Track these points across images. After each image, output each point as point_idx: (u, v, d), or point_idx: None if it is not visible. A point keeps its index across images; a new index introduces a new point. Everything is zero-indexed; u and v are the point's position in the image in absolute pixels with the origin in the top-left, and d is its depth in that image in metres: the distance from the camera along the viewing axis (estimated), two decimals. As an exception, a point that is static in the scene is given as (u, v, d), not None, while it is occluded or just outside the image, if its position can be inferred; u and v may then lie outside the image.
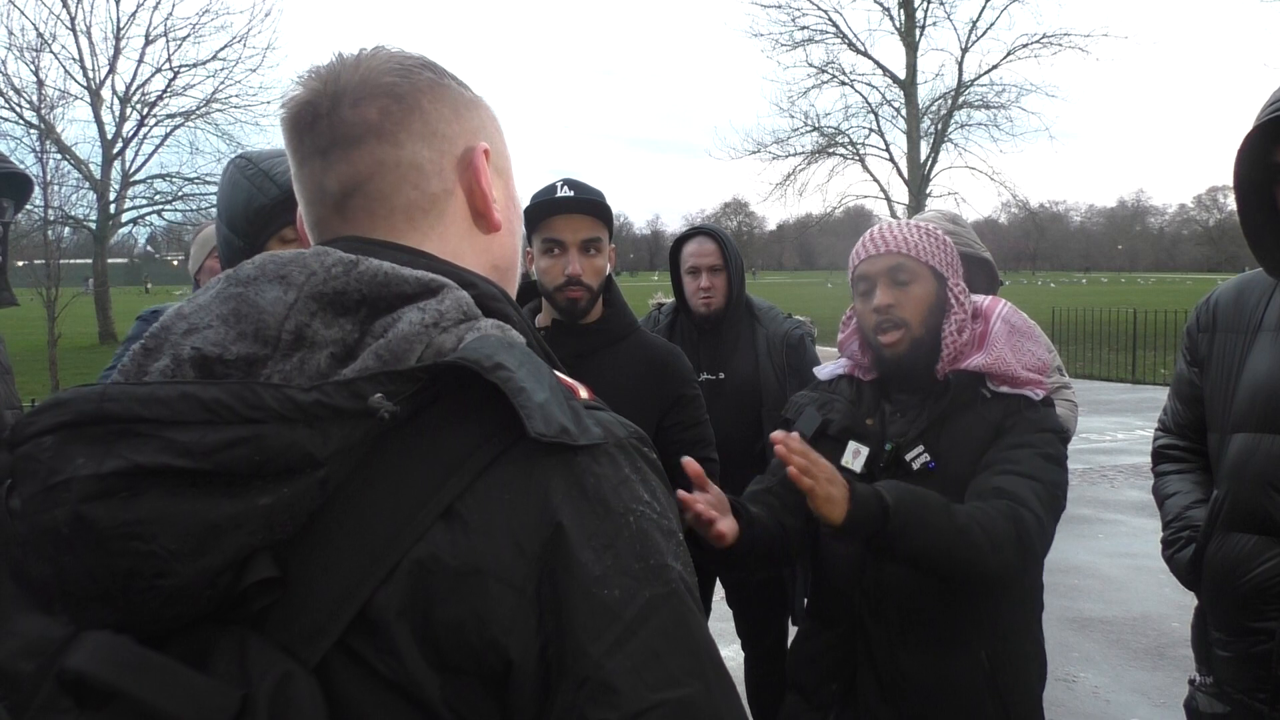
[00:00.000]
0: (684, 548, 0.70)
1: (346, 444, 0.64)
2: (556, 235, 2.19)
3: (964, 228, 3.05)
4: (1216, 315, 1.98)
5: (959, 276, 1.84)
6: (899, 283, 1.78)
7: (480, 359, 0.66)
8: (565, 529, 0.64)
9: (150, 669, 0.59)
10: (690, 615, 0.67)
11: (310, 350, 0.68)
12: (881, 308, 1.77)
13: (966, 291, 1.83)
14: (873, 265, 1.81)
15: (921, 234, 1.81)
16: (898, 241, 1.79)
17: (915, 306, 1.78)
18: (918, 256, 1.78)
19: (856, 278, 1.84)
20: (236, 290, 0.71)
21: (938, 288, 1.80)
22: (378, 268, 0.71)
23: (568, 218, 2.20)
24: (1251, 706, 1.79)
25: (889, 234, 1.81)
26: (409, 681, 0.63)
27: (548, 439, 0.64)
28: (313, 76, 0.82)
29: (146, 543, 0.60)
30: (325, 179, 0.81)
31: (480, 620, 0.63)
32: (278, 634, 0.63)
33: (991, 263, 3.01)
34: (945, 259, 1.81)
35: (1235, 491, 1.81)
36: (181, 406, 0.61)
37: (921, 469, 1.72)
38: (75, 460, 0.60)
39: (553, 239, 2.20)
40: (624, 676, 0.62)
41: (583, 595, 0.63)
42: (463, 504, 0.64)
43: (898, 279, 1.78)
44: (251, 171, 1.56)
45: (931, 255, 1.80)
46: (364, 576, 0.63)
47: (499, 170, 0.88)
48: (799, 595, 2.98)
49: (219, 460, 0.61)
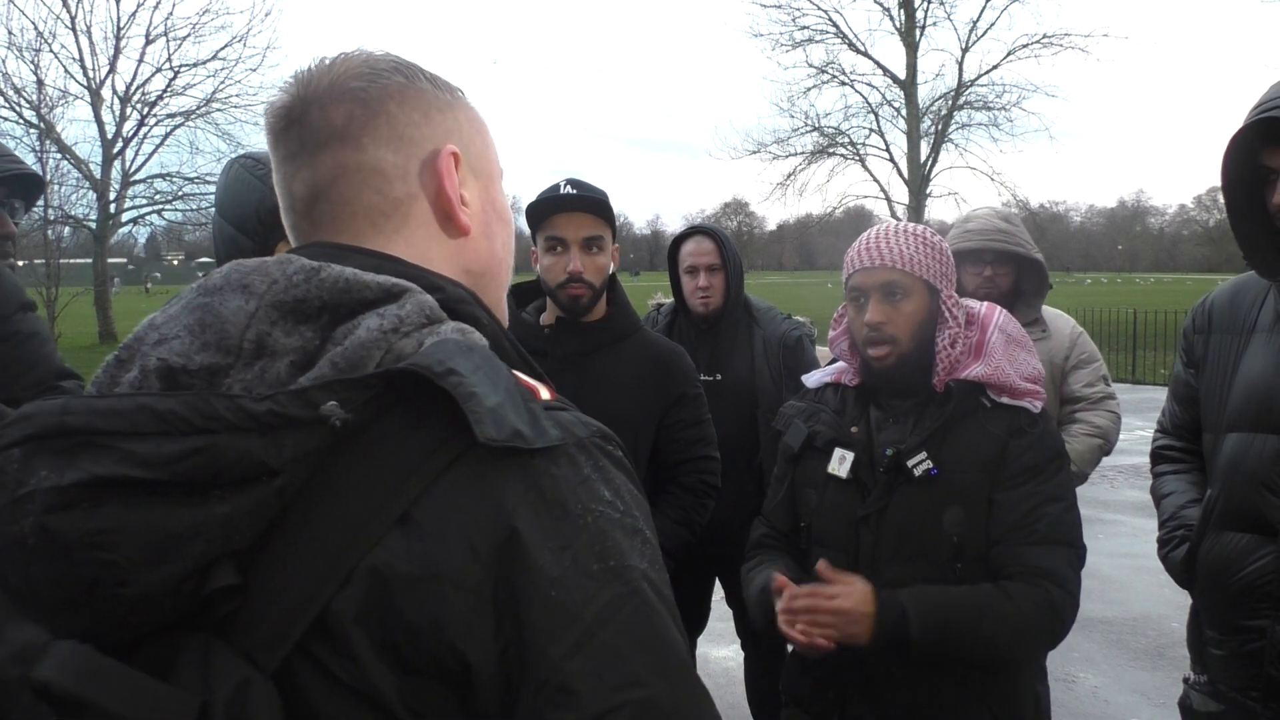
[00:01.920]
0: (651, 546, 0.70)
1: (301, 452, 0.64)
2: (558, 233, 2.22)
3: (1016, 226, 2.99)
4: (1212, 317, 1.99)
5: (953, 285, 1.82)
6: (891, 298, 1.77)
7: (431, 364, 0.66)
8: (520, 532, 0.64)
9: (111, 677, 0.60)
10: (654, 615, 0.66)
11: (271, 359, 0.69)
12: (873, 324, 1.77)
13: (959, 302, 1.82)
14: (866, 278, 1.79)
15: (917, 244, 1.78)
16: (893, 255, 1.76)
17: (906, 323, 1.77)
18: (912, 271, 1.76)
19: (850, 285, 1.83)
20: (203, 300, 0.71)
21: (930, 301, 1.78)
22: (339, 274, 0.71)
23: (570, 216, 2.22)
24: (1244, 704, 1.80)
25: (884, 246, 1.78)
26: (368, 686, 0.63)
27: (498, 443, 0.64)
28: (292, 82, 0.83)
29: (108, 552, 0.61)
30: (294, 184, 0.83)
31: (437, 625, 0.63)
32: (240, 641, 0.64)
33: (1043, 264, 2.97)
34: (939, 270, 1.79)
35: (1228, 491, 1.82)
36: (138, 418, 0.62)
37: (924, 476, 1.72)
38: (39, 472, 0.62)
39: (555, 237, 2.22)
40: (583, 679, 0.62)
41: (541, 597, 0.63)
42: (418, 509, 0.65)
43: (890, 294, 1.77)
44: (262, 171, 1.56)
45: (926, 269, 1.77)
46: (321, 583, 0.63)
47: (476, 173, 0.87)
48: None
49: (176, 470, 0.61)
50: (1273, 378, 1.78)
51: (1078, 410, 2.99)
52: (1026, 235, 2.99)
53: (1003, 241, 2.91)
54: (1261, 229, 1.78)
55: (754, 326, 3.05)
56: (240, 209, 1.55)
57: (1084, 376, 3.01)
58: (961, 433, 1.74)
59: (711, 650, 4.26)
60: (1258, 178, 1.77)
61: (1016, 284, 2.98)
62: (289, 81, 0.83)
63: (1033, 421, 1.76)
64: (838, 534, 1.78)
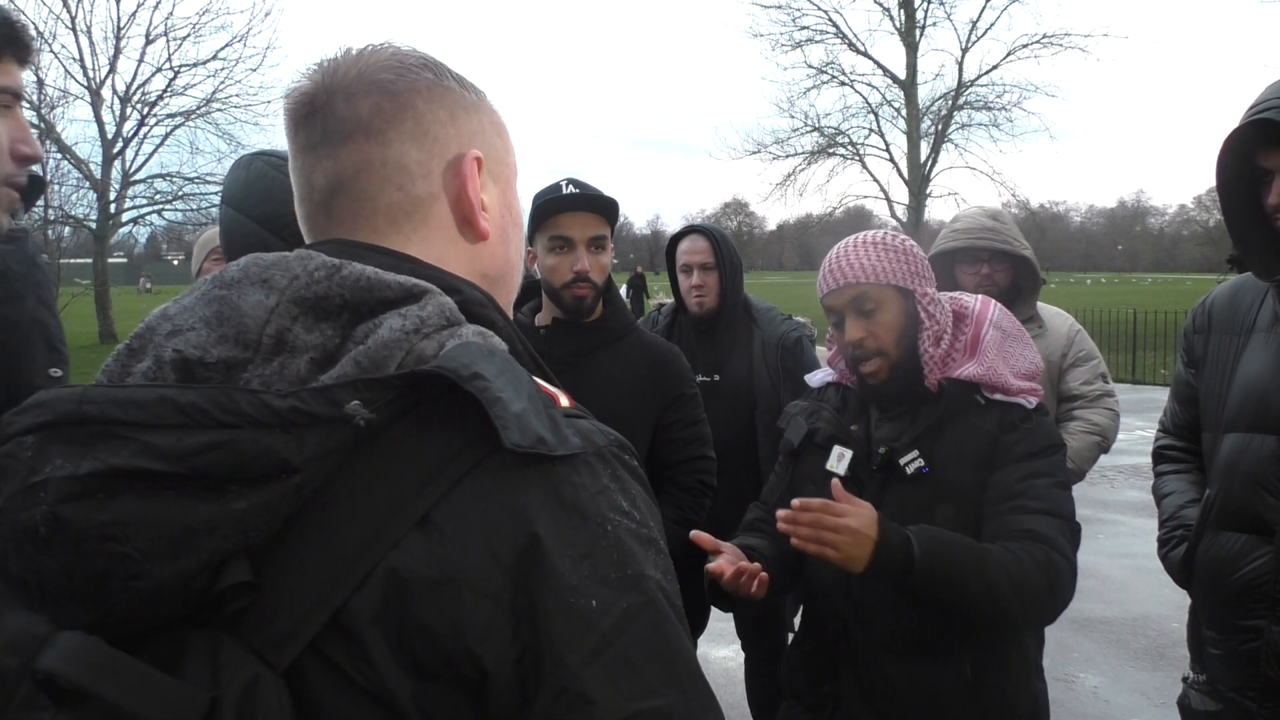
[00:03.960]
0: (664, 556, 0.70)
1: (323, 450, 0.63)
2: (564, 233, 2.21)
3: (1005, 224, 2.99)
4: (1212, 317, 1.99)
5: (928, 284, 1.80)
6: (864, 313, 1.76)
7: (458, 368, 0.65)
8: (541, 538, 0.64)
9: (120, 670, 0.60)
10: (668, 625, 0.67)
11: (291, 355, 0.68)
12: (854, 342, 1.77)
13: (938, 300, 1.81)
14: (836, 299, 1.79)
15: (878, 253, 1.76)
16: (854, 270, 1.75)
17: (886, 333, 1.76)
18: (878, 280, 1.75)
19: (825, 308, 1.83)
20: (220, 293, 0.71)
21: (906, 305, 1.77)
22: (360, 272, 0.71)
23: (575, 215, 2.22)
24: (1242, 704, 1.81)
25: (845, 264, 1.77)
26: (382, 688, 0.63)
27: (523, 449, 0.64)
28: (316, 69, 0.82)
29: (121, 544, 0.60)
30: (314, 175, 0.81)
31: (454, 629, 0.63)
32: (250, 637, 0.63)
33: (1030, 260, 2.96)
34: (908, 271, 1.77)
35: (1226, 491, 1.82)
36: (158, 410, 0.61)
37: (915, 474, 1.73)
38: (54, 461, 0.61)
39: (560, 236, 2.21)
40: (600, 687, 0.62)
41: (559, 605, 0.63)
42: (438, 513, 0.64)
43: (863, 309, 1.76)
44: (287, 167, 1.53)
45: (892, 274, 1.75)
46: (337, 583, 0.63)
47: (495, 178, 0.87)
48: (789, 606, 3.00)
49: (194, 464, 0.61)
50: (1270, 378, 1.78)
51: (1075, 408, 2.97)
52: (1017, 232, 2.98)
53: (990, 239, 2.91)
54: (1258, 230, 1.78)
55: (753, 327, 3.04)
56: (269, 206, 1.52)
57: (1082, 374, 2.99)
58: (954, 431, 1.74)
59: (711, 650, 4.26)
60: (1254, 178, 1.77)
61: (1015, 281, 2.98)
62: (313, 68, 0.82)
63: (1026, 416, 1.76)
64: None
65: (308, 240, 0.84)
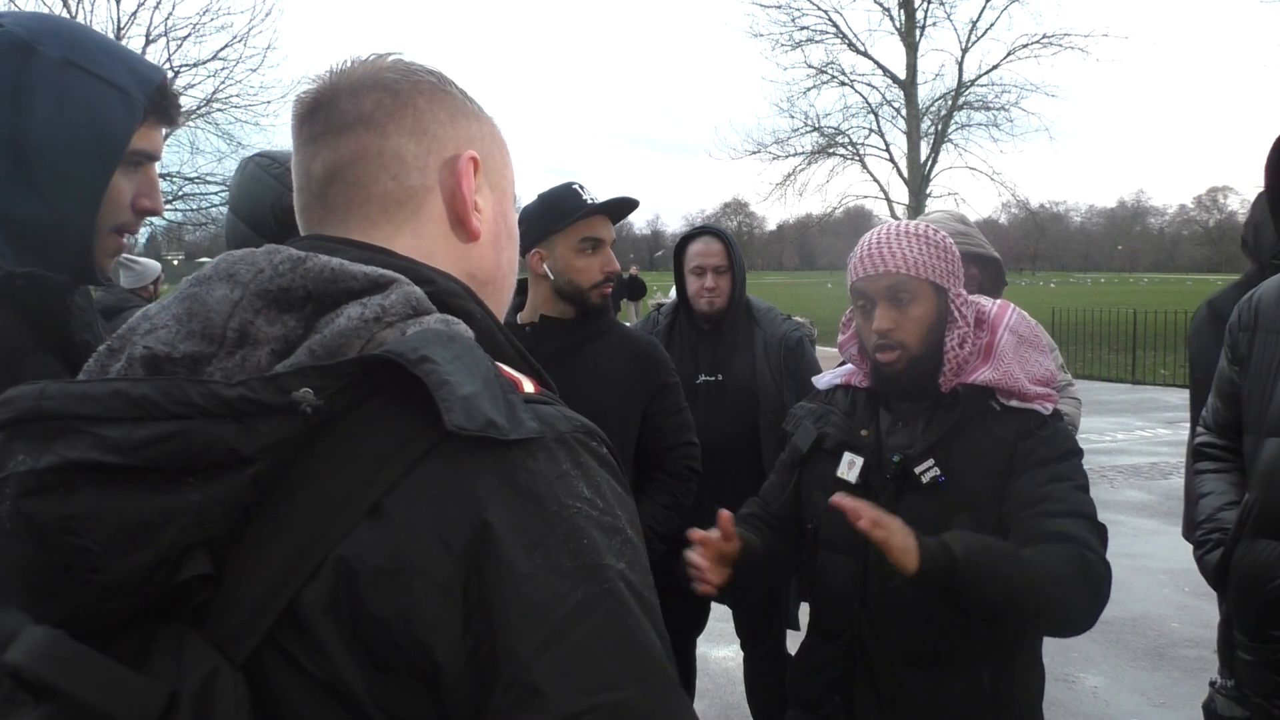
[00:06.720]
0: (631, 546, 0.67)
1: (275, 440, 0.63)
2: (597, 234, 2.36)
3: (971, 228, 3.07)
4: (1258, 313, 1.94)
5: (960, 284, 1.78)
6: (898, 303, 1.73)
7: (405, 351, 0.64)
8: (492, 525, 0.63)
9: (81, 664, 0.59)
10: (629, 616, 0.64)
11: (253, 348, 0.68)
12: (882, 331, 1.73)
13: (968, 301, 1.78)
14: (871, 285, 1.75)
15: (920, 245, 1.74)
16: (897, 260, 1.72)
17: (915, 327, 1.73)
18: (917, 274, 1.72)
19: (854, 291, 1.79)
20: (193, 290, 0.72)
21: (938, 302, 1.75)
22: (325, 264, 0.71)
23: (601, 218, 2.38)
24: (1270, 712, 1.78)
25: (887, 252, 1.73)
26: (337, 680, 0.62)
27: (468, 433, 0.63)
28: (325, 74, 0.85)
29: (80, 537, 0.60)
30: (312, 164, 0.83)
31: (405, 619, 0.61)
32: (213, 630, 0.63)
33: (999, 261, 3.03)
34: (946, 268, 1.75)
35: (1265, 497, 1.77)
36: (111, 403, 0.62)
37: (931, 483, 1.69)
38: (17, 456, 0.62)
39: (592, 237, 2.35)
40: (552, 679, 0.60)
41: (510, 594, 0.62)
42: (390, 500, 0.63)
43: (897, 299, 1.73)
44: (278, 170, 1.55)
45: (931, 269, 1.73)
46: (290, 574, 0.62)
47: (493, 185, 0.88)
48: (793, 601, 3.01)
49: (147, 456, 0.61)
50: None
51: None
52: (981, 236, 3.07)
53: (965, 243, 2.97)
54: None
55: (755, 327, 3.06)
56: (255, 207, 1.53)
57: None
58: (970, 438, 1.71)
59: (711, 650, 4.26)
60: None
61: (982, 283, 3.04)
62: (322, 74, 0.85)
63: (1042, 423, 1.72)
64: (846, 538, 1.73)
65: (302, 233, 0.85)
